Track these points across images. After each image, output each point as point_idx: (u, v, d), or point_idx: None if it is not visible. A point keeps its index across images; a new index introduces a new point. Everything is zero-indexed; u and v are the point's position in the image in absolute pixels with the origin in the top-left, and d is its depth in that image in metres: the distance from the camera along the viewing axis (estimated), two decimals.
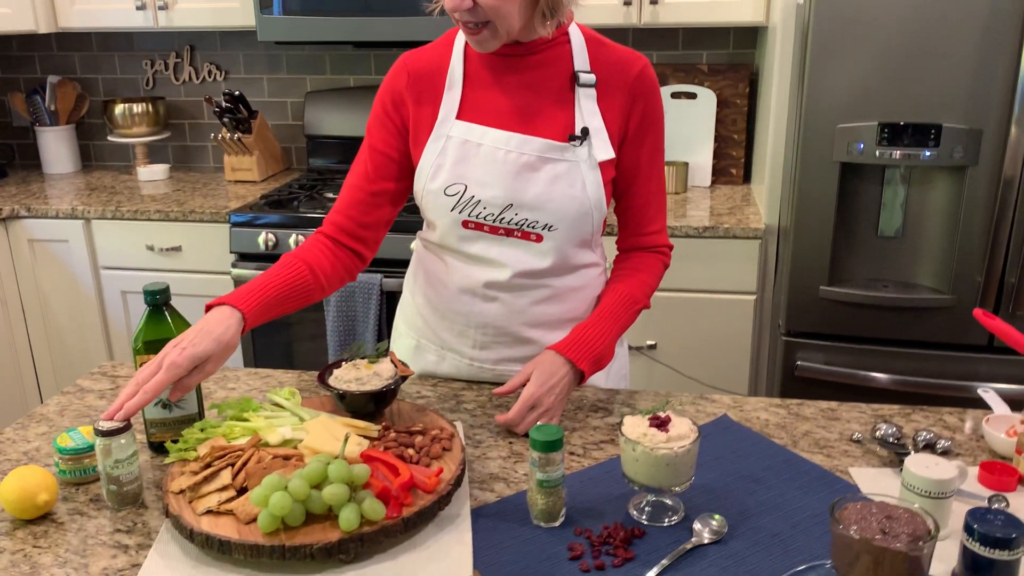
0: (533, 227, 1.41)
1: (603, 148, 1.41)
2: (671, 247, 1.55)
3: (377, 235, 1.51)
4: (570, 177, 1.40)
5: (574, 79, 1.41)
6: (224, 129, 3.08)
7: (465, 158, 1.41)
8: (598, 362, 1.41)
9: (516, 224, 1.41)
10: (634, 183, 1.47)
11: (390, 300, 2.62)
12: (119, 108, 3.23)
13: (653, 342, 2.61)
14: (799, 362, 2.34)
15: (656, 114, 1.45)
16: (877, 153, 2.14)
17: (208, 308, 1.28)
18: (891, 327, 2.26)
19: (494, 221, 1.41)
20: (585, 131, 1.39)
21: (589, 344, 1.40)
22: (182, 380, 1.20)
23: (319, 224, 1.50)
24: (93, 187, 3.12)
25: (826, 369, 2.32)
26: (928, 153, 2.10)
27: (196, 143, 3.45)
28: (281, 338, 2.79)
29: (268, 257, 2.68)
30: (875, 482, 1.21)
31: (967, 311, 2.20)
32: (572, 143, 1.39)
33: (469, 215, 1.41)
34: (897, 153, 2.12)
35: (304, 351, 2.79)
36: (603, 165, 1.41)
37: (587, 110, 1.41)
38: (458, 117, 1.42)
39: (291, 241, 2.64)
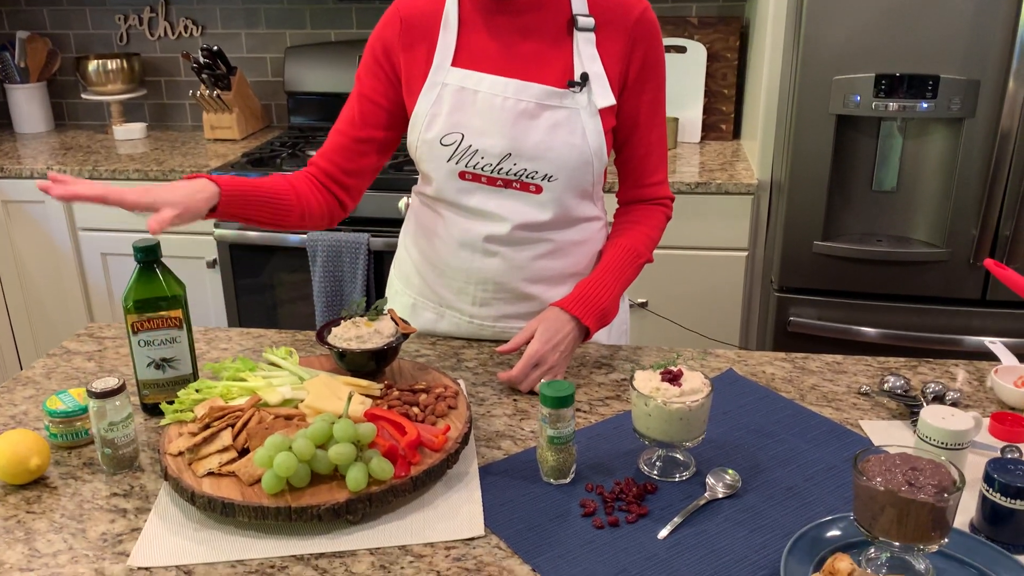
0: (532, 177, 1.37)
1: (603, 95, 1.36)
2: (673, 198, 1.52)
3: (360, 184, 1.48)
4: (570, 125, 1.35)
5: (572, 23, 1.36)
6: (203, 86, 3.00)
7: (462, 106, 1.36)
8: (603, 318, 1.38)
9: (515, 175, 1.36)
10: (635, 132, 1.44)
11: (377, 260, 2.57)
12: (92, 64, 3.12)
13: (644, 300, 2.58)
14: (792, 318, 2.33)
15: (658, 60, 1.41)
16: (874, 105, 2.11)
17: (186, 180, 1.26)
18: (885, 282, 2.25)
19: (492, 172, 1.37)
20: (585, 77, 1.35)
21: (594, 300, 1.37)
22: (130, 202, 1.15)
23: None
24: (68, 146, 3.02)
25: (819, 324, 2.31)
26: (925, 105, 2.08)
27: (173, 101, 3.35)
28: (266, 299, 2.74)
29: None
30: (886, 434, 1.20)
31: (961, 265, 2.19)
32: (572, 89, 1.35)
33: (466, 166, 1.37)
34: (894, 105, 2.10)
35: (290, 312, 2.75)
36: (603, 112, 1.37)
37: (586, 55, 1.36)
38: (453, 64, 1.37)
39: None
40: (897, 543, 0.89)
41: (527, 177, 1.37)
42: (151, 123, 3.36)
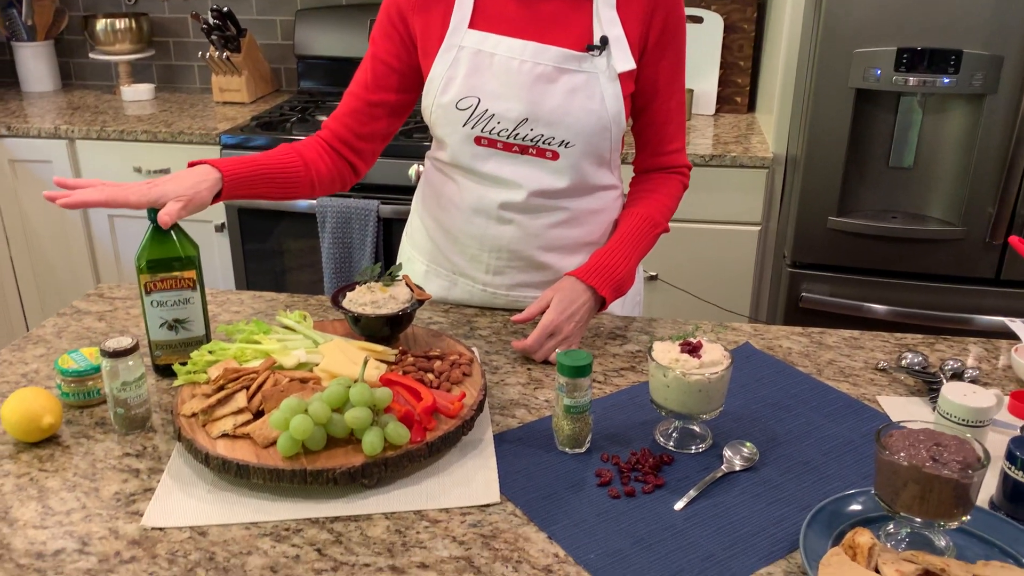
0: (549, 143, 1.34)
1: (623, 59, 1.34)
2: (690, 167, 1.50)
3: (373, 147, 1.46)
4: (588, 89, 1.33)
5: None
6: (212, 48, 2.96)
7: (478, 69, 1.34)
8: (619, 288, 1.36)
9: (531, 140, 1.34)
10: (654, 99, 1.41)
11: (387, 227, 2.55)
12: (100, 24, 3.09)
13: (654, 273, 2.57)
14: (804, 293, 2.32)
15: (678, 24, 1.38)
16: (894, 79, 2.08)
17: (190, 166, 1.26)
18: (899, 259, 2.23)
19: (508, 137, 1.35)
20: (604, 40, 1.32)
21: (610, 270, 1.35)
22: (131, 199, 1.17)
23: None
24: (76, 106, 3.00)
25: (831, 301, 2.30)
26: (947, 80, 2.05)
27: (182, 62, 3.31)
28: (274, 264, 2.72)
29: None
30: (904, 411, 1.19)
31: (977, 243, 2.17)
32: (591, 53, 1.32)
33: (482, 131, 1.35)
34: (914, 80, 2.06)
35: (298, 279, 2.73)
36: (623, 77, 1.34)
37: (606, 18, 1.33)
38: (471, 26, 1.34)
39: None
40: (919, 519, 0.88)
41: (544, 143, 1.35)
42: (159, 84, 3.33)
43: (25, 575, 0.90)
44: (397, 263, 1.40)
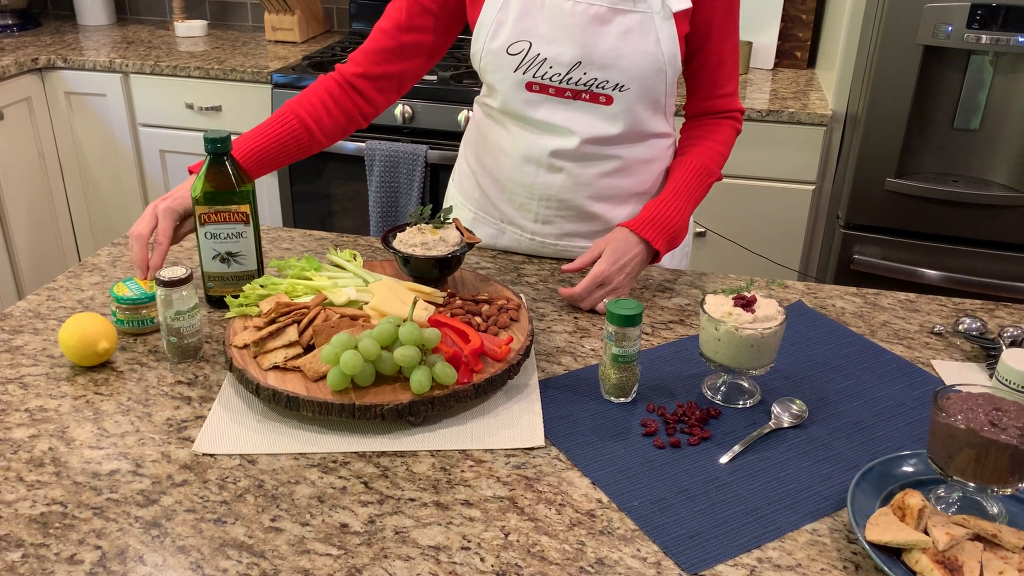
0: (603, 87, 1.32)
1: None
2: (743, 111, 1.46)
3: (400, 85, 1.42)
4: (643, 30, 1.30)
5: None
6: None
7: (528, 12, 1.31)
8: (673, 240, 1.34)
9: (585, 84, 1.31)
10: (708, 40, 1.37)
11: (434, 173, 2.54)
12: None
13: (702, 230, 2.53)
14: (856, 256, 2.27)
15: None
16: (965, 37, 2.00)
17: (191, 171, 1.30)
18: (958, 224, 2.17)
19: (560, 82, 1.32)
20: None
21: (665, 222, 1.33)
22: (175, 231, 1.26)
23: None
24: (130, 40, 3.01)
25: (884, 264, 2.25)
26: (1022, 39, 1.96)
27: None
28: (320, 206, 2.74)
29: None
30: (959, 375, 1.17)
31: None
32: None
33: (534, 76, 1.32)
34: (987, 38, 1.99)
35: (343, 221, 2.74)
36: (678, 17, 1.31)
37: None
38: None
39: None
40: (972, 484, 0.86)
41: (597, 87, 1.32)
42: (212, 21, 3.33)
43: (82, 492, 0.92)
44: (448, 205, 1.39)
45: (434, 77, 2.52)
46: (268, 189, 2.76)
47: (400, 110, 2.49)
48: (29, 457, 0.98)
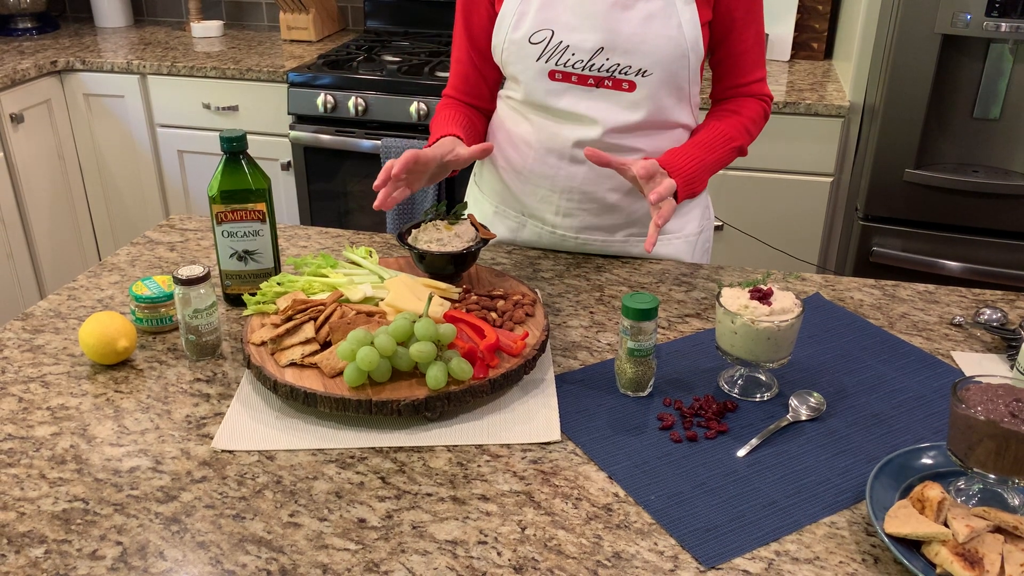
0: (626, 73, 1.31)
1: None
2: (772, 97, 1.45)
3: (494, 92, 1.52)
4: (665, 15, 1.29)
5: None
6: None
7: (551, 2, 1.31)
8: (691, 183, 1.30)
9: (607, 70, 1.31)
10: (732, 29, 1.36)
11: None
12: None
13: (720, 223, 2.52)
14: (875, 248, 2.25)
15: None
16: (984, 25, 1.97)
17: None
18: (978, 215, 2.15)
19: (583, 69, 1.32)
20: None
21: (682, 163, 1.30)
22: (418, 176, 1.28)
23: (380, 87, 1.49)
24: (147, 42, 3.03)
25: (903, 256, 2.23)
26: None
27: None
28: (337, 204, 2.75)
29: (327, 120, 2.61)
30: (980, 367, 1.16)
31: None
32: None
33: (556, 64, 1.32)
34: (1007, 26, 1.96)
35: (360, 221, 2.75)
36: (699, 3, 1.30)
37: None
38: None
39: (350, 104, 2.55)
40: (993, 475, 0.86)
41: (620, 73, 1.31)
42: (228, 21, 3.35)
43: (103, 489, 0.93)
44: (463, 201, 1.39)
45: None
46: (285, 187, 2.78)
47: (415, 107, 2.50)
48: (51, 455, 0.99)
